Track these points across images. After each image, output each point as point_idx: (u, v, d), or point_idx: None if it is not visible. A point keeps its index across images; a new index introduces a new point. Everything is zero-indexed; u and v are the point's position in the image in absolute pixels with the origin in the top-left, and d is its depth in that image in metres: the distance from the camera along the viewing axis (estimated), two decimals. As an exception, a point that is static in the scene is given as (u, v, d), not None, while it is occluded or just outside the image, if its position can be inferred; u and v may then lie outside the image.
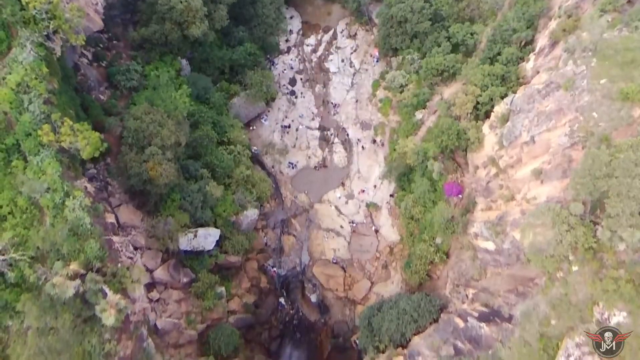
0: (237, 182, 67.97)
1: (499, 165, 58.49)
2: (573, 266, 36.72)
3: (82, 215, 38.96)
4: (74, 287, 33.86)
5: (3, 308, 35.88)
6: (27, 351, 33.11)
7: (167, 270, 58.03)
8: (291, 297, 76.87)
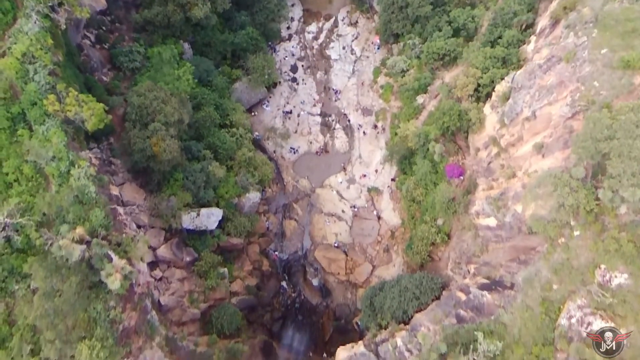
0: (239, 164, 68.22)
1: (500, 144, 58.79)
2: (574, 231, 37.03)
3: (87, 184, 39.23)
4: (80, 250, 34.08)
5: (9, 273, 36.20)
6: (33, 312, 33.37)
7: (170, 248, 58.29)
8: (293, 281, 77.15)
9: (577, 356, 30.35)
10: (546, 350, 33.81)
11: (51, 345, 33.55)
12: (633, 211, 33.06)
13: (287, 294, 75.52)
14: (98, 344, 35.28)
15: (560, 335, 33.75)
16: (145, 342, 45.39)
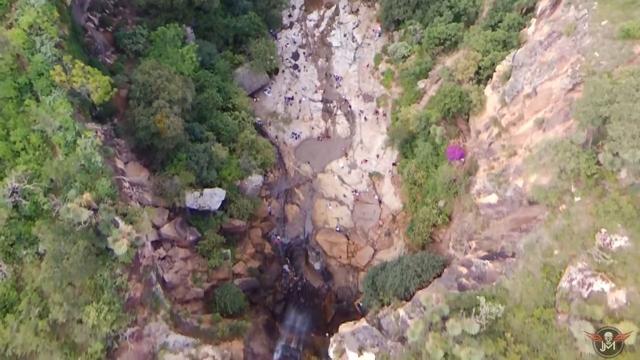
0: (241, 146, 68.65)
1: (500, 124, 59.24)
2: (575, 197, 37.50)
3: (93, 153, 39.64)
4: (87, 214, 34.50)
5: (17, 239, 36.61)
6: (42, 274, 33.80)
7: (174, 227, 58.72)
8: (295, 265, 77.55)
9: (578, 313, 30.76)
10: (547, 312, 34.25)
11: (59, 307, 33.99)
12: (633, 174, 33.53)
13: (289, 277, 75.90)
14: (105, 307, 35.73)
15: (562, 297, 34.19)
16: (150, 314, 45.87)
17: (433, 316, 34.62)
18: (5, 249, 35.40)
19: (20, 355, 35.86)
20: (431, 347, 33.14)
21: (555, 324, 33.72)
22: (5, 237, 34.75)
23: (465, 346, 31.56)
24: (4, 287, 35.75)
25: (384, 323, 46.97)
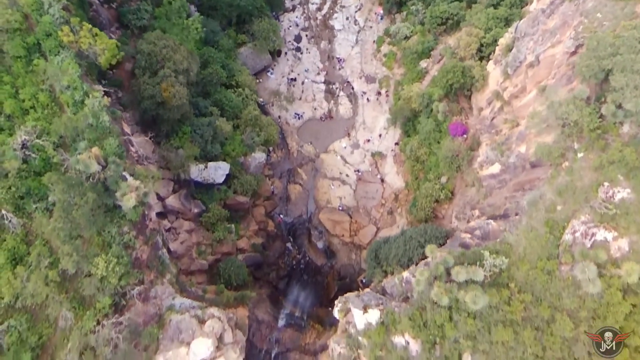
0: (245, 122, 69.08)
1: (503, 97, 59.61)
2: (578, 153, 37.91)
3: (101, 113, 40.04)
4: (97, 166, 34.92)
5: (27, 194, 37.03)
6: (52, 224, 34.22)
7: (179, 199, 59.12)
8: (298, 243, 78.02)
9: (580, 258, 31.14)
10: (551, 264, 34.60)
11: (69, 258, 34.40)
12: (637, 125, 33.92)
13: (292, 255, 76.38)
14: (114, 259, 36.17)
15: (565, 249, 34.56)
16: (156, 277, 46.24)
17: (438, 267, 35.02)
18: (15, 202, 35.81)
19: (30, 307, 36.39)
20: (436, 294, 33.56)
21: (558, 275, 34.10)
22: (15, 188, 35.16)
23: (470, 291, 31.98)
24: (13, 241, 36.16)
25: (388, 287, 47.39)
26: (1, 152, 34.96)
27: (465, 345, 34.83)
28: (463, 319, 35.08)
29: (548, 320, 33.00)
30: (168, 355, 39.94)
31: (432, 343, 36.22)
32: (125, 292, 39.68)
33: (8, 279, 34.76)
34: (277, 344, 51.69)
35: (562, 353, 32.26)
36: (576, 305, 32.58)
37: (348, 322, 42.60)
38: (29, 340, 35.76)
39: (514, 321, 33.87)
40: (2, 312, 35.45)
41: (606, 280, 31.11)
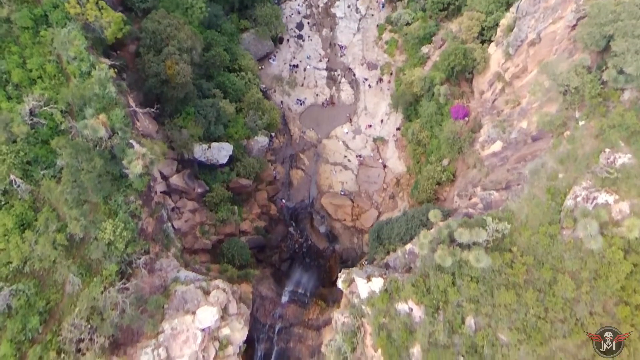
0: (248, 105, 69.45)
1: (504, 78, 60.06)
2: (579, 121, 38.35)
3: (107, 85, 40.43)
4: (104, 132, 35.34)
5: (34, 161, 37.47)
6: (61, 186, 34.63)
7: (183, 178, 59.48)
8: (300, 227, 78.39)
9: (582, 217, 31.54)
10: (552, 228, 35.01)
11: (76, 222, 34.82)
12: (638, 91, 34.33)
13: (294, 239, 76.75)
14: (121, 224, 36.57)
15: (566, 214, 34.96)
16: (161, 250, 46.73)
17: (441, 232, 35.45)
18: (23, 168, 36.21)
19: (38, 272, 36.83)
20: (440, 255, 33.97)
21: (560, 238, 34.51)
22: (24, 153, 35.54)
23: (474, 251, 32.44)
24: (21, 207, 36.60)
25: (391, 261, 47.80)
26: (10, 118, 35.31)
27: (468, 309, 35.26)
28: (466, 283, 35.53)
29: (550, 282, 33.42)
30: (174, 323, 40.37)
31: (436, 308, 36.63)
32: (132, 260, 40.17)
33: (16, 243, 35.18)
34: (280, 319, 52.08)
35: (563, 313, 32.69)
36: (578, 267, 33.01)
37: (352, 292, 43.01)
38: (37, 304, 36.22)
39: (517, 284, 34.29)
40: (10, 276, 35.85)
41: (607, 240, 31.55)
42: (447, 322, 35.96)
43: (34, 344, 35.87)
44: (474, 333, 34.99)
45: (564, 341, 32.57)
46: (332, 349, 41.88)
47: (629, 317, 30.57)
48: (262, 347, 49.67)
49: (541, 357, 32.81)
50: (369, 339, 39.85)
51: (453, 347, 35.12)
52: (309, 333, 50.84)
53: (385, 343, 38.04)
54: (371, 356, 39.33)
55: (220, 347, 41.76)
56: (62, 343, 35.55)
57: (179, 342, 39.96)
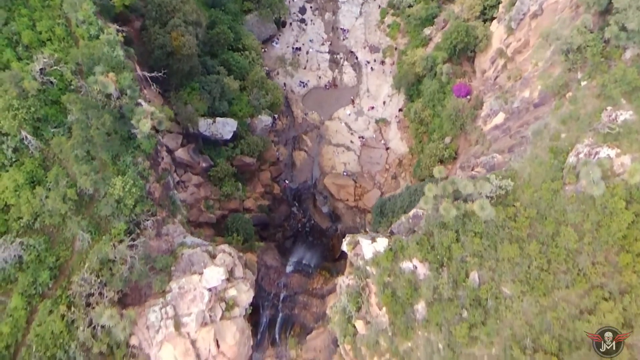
0: (252, 83, 69.98)
1: (506, 54, 60.65)
2: (582, 82, 38.91)
3: (116, 47, 40.97)
4: (114, 89, 35.88)
5: (44, 121, 37.96)
6: (72, 140, 35.15)
7: (188, 152, 59.97)
8: (303, 207, 78.97)
9: (584, 166, 32.07)
10: (555, 184, 35.55)
11: (86, 177, 35.32)
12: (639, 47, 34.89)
13: (297, 218, 77.33)
14: (130, 180, 37.11)
15: (569, 171, 35.48)
16: (168, 216, 47.25)
17: (446, 187, 36.00)
18: (34, 125, 36.71)
19: (48, 228, 37.36)
20: (444, 208, 34.52)
21: (563, 194, 35.04)
22: (34, 109, 36.05)
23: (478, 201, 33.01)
24: (32, 165, 37.06)
25: (395, 228, 48.18)
26: (20, 76, 35.80)
27: (472, 263, 35.81)
28: (470, 239, 36.08)
29: (553, 234, 33.95)
30: (181, 282, 40.92)
31: (440, 264, 37.17)
32: (140, 221, 40.65)
33: (27, 199, 35.67)
34: (285, 287, 52.64)
35: (566, 265, 33.23)
36: (580, 219, 33.54)
37: (356, 254, 43.53)
38: (47, 260, 36.71)
39: (520, 237, 34.84)
40: (21, 232, 36.35)
41: (610, 190, 32.07)
42: (451, 278, 36.49)
43: (44, 299, 36.44)
44: (478, 287, 35.52)
45: (566, 291, 33.12)
46: (337, 309, 42.41)
47: (630, 264, 31.11)
48: (267, 313, 50.24)
49: (544, 308, 33.36)
50: (374, 298, 40.38)
51: (457, 299, 35.66)
52: (314, 301, 51.38)
53: (390, 300, 38.57)
54: (376, 314, 39.87)
55: (227, 307, 42.29)
56: (72, 297, 36.09)
57: (186, 300, 40.51)
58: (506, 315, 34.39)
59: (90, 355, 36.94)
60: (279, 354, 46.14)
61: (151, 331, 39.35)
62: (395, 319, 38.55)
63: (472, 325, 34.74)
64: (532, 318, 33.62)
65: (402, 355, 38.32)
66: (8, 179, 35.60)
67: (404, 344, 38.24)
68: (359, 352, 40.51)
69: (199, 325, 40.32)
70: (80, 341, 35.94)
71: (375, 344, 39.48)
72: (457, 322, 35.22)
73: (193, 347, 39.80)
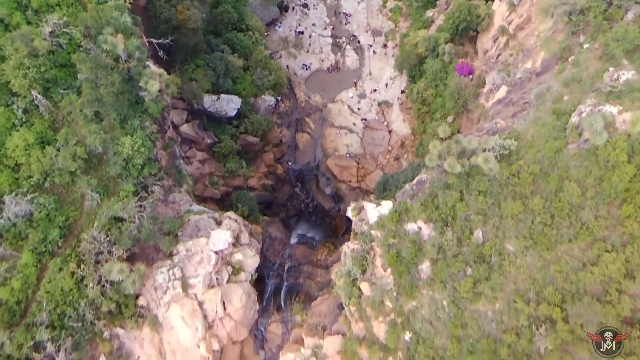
0: (256, 62, 70.53)
1: (508, 31, 61.08)
2: (584, 45, 39.40)
3: (123, 13, 41.41)
4: (122, 50, 36.38)
5: (54, 83, 38.50)
6: (81, 99, 35.65)
7: (192, 127, 60.60)
8: (306, 188, 79.50)
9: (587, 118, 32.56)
10: (558, 143, 36.01)
11: (96, 135, 35.84)
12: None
13: (300, 199, 77.85)
14: (139, 140, 37.61)
15: (571, 131, 35.94)
16: (174, 184, 47.78)
17: (450, 146, 36.49)
18: (44, 85, 37.23)
19: (58, 188, 37.88)
20: (449, 163, 35.02)
21: (566, 152, 35.50)
22: (45, 68, 36.55)
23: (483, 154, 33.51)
24: (41, 125, 37.64)
25: (399, 196, 48.67)
26: (31, 37, 36.31)
27: (476, 221, 36.25)
28: (474, 197, 36.55)
29: (556, 190, 34.40)
30: (188, 245, 41.43)
31: (444, 223, 37.61)
32: (147, 184, 41.15)
33: (37, 157, 36.22)
34: (289, 258, 53.16)
35: (569, 219, 33.69)
36: (583, 175, 33.99)
37: (361, 219, 43.98)
38: (57, 220, 37.24)
39: (523, 194, 35.29)
40: (31, 191, 36.83)
41: (612, 143, 32.53)
42: (455, 236, 36.95)
43: (54, 257, 36.95)
44: (482, 244, 35.97)
45: (569, 245, 33.58)
46: (342, 273, 42.89)
47: (632, 215, 31.56)
48: (272, 282, 50.74)
49: (547, 262, 33.84)
50: (379, 260, 40.82)
51: (462, 256, 36.14)
52: (318, 271, 51.87)
53: (394, 261, 39.00)
54: (381, 275, 40.32)
55: (233, 271, 42.80)
56: (82, 254, 36.59)
57: (193, 262, 41.02)
58: (510, 271, 34.85)
59: (99, 314, 37.48)
60: (284, 319, 46.66)
61: (159, 292, 39.87)
62: (400, 279, 38.99)
63: (476, 280, 35.22)
64: (535, 272, 34.09)
65: (407, 314, 38.78)
66: (19, 138, 36.15)
67: (408, 303, 38.71)
68: (364, 312, 40.98)
69: (206, 287, 40.82)
70: (89, 299, 36.45)
71: (380, 304, 39.94)
72: (462, 278, 35.69)
73: (200, 309, 40.32)
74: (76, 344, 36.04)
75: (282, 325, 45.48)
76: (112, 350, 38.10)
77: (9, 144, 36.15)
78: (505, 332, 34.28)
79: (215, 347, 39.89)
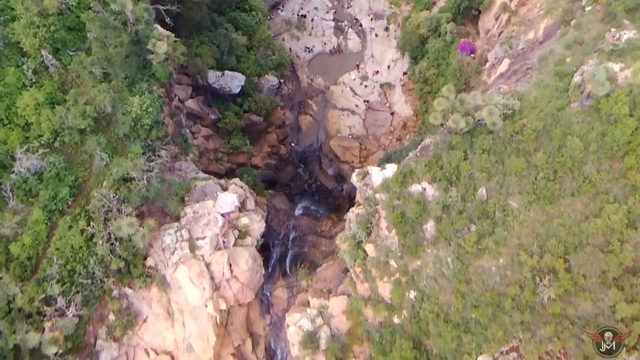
0: (259, 41, 71.04)
1: (510, 8, 61.70)
2: (586, 7, 39.92)
3: (131, -21, 41.94)
4: (130, 10, 36.90)
5: (63, 46, 39.03)
6: (91, 57, 36.17)
7: (197, 103, 61.10)
8: (309, 169, 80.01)
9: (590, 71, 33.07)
10: (560, 102, 36.53)
11: (105, 94, 36.37)
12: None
13: (303, 179, 78.36)
14: (147, 100, 38.12)
15: (574, 90, 36.45)
16: (180, 153, 48.35)
17: (454, 103, 36.97)
18: (54, 46, 37.75)
19: (68, 147, 38.41)
20: (454, 119, 35.53)
21: (568, 110, 36.02)
22: (54, 28, 37.07)
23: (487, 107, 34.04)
24: (51, 87, 38.19)
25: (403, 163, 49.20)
26: (40, 0, 36.86)
27: (480, 179, 36.75)
28: (478, 156, 37.03)
29: (559, 146, 34.89)
30: (195, 207, 41.96)
31: (449, 182, 38.10)
32: (155, 147, 41.67)
33: (47, 116, 36.73)
34: (294, 229, 53.68)
35: (572, 173, 34.18)
36: (585, 130, 34.50)
37: (365, 184, 44.47)
38: (66, 179, 37.76)
39: (527, 151, 35.77)
40: (41, 150, 37.34)
41: (614, 97, 33.04)
42: (459, 194, 37.45)
43: (64, 215, 37.47)
44: (486, 201, 36.48)
45: (572, 199, 34.07)
46: (347, 237, 43.41)
47: (634, 166, 32.07)
48: (277, 250, 51.24)
49: (550, 216, 34.33)
50: (383, 222, 41.33)
51: (466, 212, 36.64)
52: (323, 241, 52.41)
53: (399, 221, 39.52)
54: (385, 236, 40.84)
55: (240, 235, 43.33)
56: (91, 212, 37.10)
57: (200, 224, 41.55)
58: (513, 226, 35.33)
59: (108, 272, 37.99)
60: (289, 284, 47.19)
61: (167, 253, 40.41)
62: (404, 239, 39.51)
63: (480, 235, 35.73)
64: (538, 226, 34.57)
65: (411, 273, 39.30)
66: (29, 97, 36.66)
67: (413, 262, 39.23)
68: (369, 273, 41.49)
69: (213, 249, 41.34)
70: (98, 256, 36.97)
71: (385, 265, 40.47)
72: (466, 234, 36.19)
73: (207, 270, 40.84)
74: (86, 300, 36.59)
75: (287, 290, 46.01)
76: (120, 309, 38.61)
77: (19, 103, 36.67)
78: (509, 286, 34.76)
79: (223, 307, 40.41)
